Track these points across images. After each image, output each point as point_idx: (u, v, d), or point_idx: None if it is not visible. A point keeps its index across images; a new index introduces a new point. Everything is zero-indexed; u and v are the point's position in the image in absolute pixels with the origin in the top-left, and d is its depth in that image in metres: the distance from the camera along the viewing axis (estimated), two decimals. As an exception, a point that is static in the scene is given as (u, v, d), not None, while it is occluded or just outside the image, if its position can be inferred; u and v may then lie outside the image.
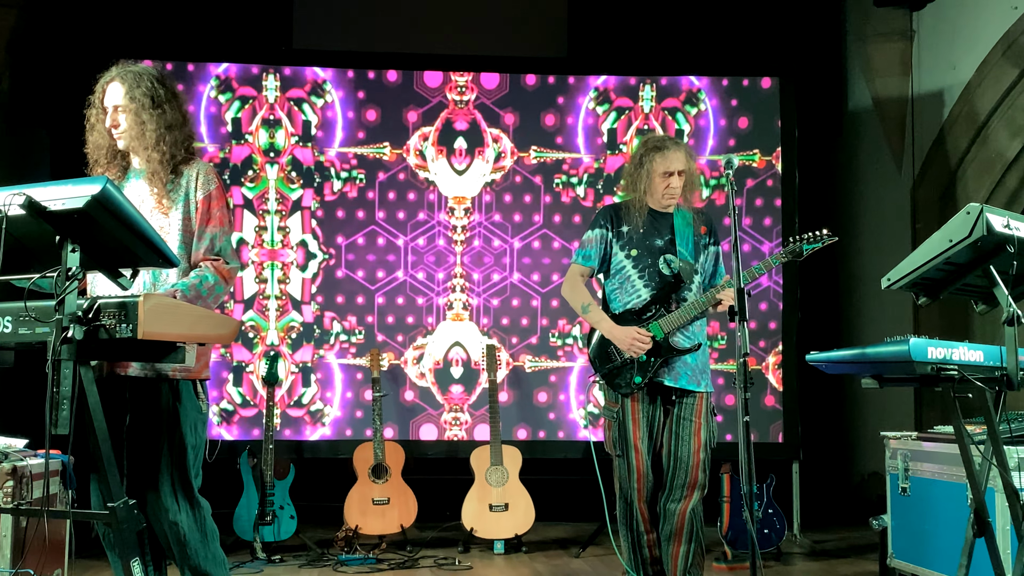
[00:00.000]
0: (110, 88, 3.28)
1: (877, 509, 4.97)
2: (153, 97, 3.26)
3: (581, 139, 6.45)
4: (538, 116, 6.46)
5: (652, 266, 4.16)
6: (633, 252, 4.18)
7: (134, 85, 3.25)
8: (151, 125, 3.23)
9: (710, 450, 4.14)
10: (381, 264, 6.32)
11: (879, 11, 6.84)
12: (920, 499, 4.56)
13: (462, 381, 6.30)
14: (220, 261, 3.24)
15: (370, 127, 6.36)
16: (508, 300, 6.34)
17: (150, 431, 3.14)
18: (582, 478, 6.92)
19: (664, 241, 4.19)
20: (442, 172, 6.40)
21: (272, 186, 6.25)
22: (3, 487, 3.52)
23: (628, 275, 4.20)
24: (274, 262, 6.23)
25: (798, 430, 6.29)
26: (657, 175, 4.14)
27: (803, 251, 4.10)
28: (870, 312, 7.12)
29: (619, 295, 4.22)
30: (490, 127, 6.43)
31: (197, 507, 3.19)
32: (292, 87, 6.32)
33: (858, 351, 3.01)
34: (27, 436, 4.02)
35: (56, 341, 2.40)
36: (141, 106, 3.23)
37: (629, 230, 4.20)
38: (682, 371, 4.12)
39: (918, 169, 6.74)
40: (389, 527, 5.65)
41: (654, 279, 4.16)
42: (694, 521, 4.08)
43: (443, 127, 6.41)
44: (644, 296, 4.16)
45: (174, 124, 3.29)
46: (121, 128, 3.26)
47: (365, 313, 6.28)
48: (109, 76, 3.31)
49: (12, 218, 2.43)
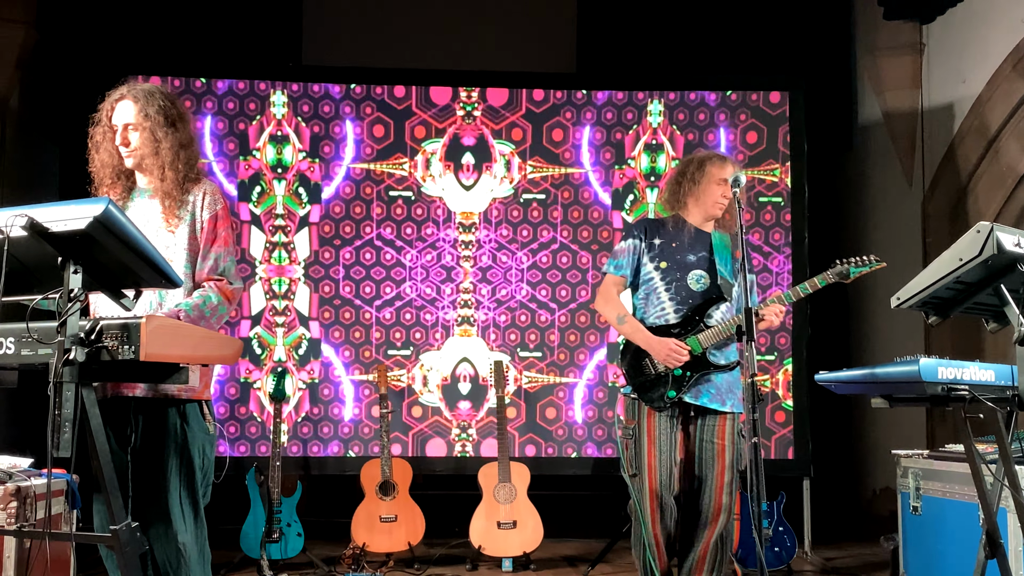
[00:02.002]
0: (120, 106, 3.26)
1: (890, 526, 4.93)
2: (166, 115, 3.25)
3: (587, 154, 6.43)
4: (545, 131, 6.44)
5: (680, 280, 4.12)
6: (662, 265, 4.14)
7: (147, 103, 3.23)
8: (166, 143, 3.22)
9: (736, 472, 4.06)
10: (388, 280, 6.29)
11: (889, 24, 6.84)
12: (932, 518, 4.52)
13: (470, 397, 6.27)
14: (224, 281, 3.23)
15: (378, 142, 6.35)
16: (516, 315, 6.32)
17: (158, 453, 3.13)
18: (591, 494, 6.91)
19: (697, 257, 4.14)
20: (450, 187, 6.39)
21: (280, 202, 6.25)
22: (7, 507, 3.51)
23: (655, 287, 4.15)
24: (281, 278, 6.22)
25: (809, 446, 6.25)
26: (713, 182, 4.11)
27: (850, 274, 4.06)
28: (881, 328, 7.08)
29: (643, 306, 4.18)
30: (497, 141, 6.42)
31: (200, 527, 3.18)
32: (300, 102, 6.32)
33: (867, 371, 2.98)
34: (32, 455, 4.01)
35: (58, 363, 2.39)
36: (156, 124, 3.22)
37: (661, 243, 4.16)
38: (704, 389, 4.05)
39: (928, 183, 6.72)
40: (396, 545, 5.62)
41: (681, 293, 4.11)
42: (718, 551, 4.01)
43: (451, 142, 6.40)
44: (668, 309, 4.11)
45: (186, 143, 3.29)
46: (132, 146, 3.24)
47: (372, 328, 6.26)
48: (118, 94, 3.29)
49: (14, 239, 2.41)
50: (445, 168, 6.39)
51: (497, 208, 6.40)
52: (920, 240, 6.69)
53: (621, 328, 4.20)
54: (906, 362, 2.84)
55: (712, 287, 4.12)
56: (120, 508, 2.54)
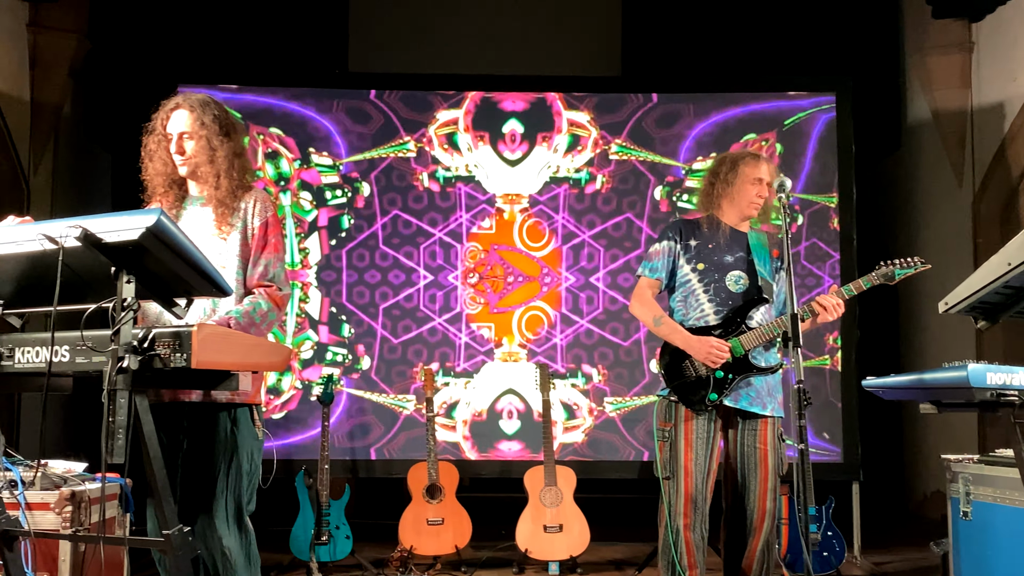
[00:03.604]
0: (175, 115, 3.32)
1: (940, 529, 4.87)
2: (221, 124, 3.31)
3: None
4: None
5: (719, 282, 4.06)
6: (700, 266, 4.08)
7: (202, 112, 3.29)
8: (221, 152, 3.28)
9: (779, 477, 4.00)
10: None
11: (937, 23, 6.77)
12: (982, 524, 4.46)
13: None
14: (273, 288, 3.28)
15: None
16: (581, 335, 6.30)
17: (208, 457, 3.17)
18: (638, 497, 6.90)
19: (735, 258, 4.08)
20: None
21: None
22: (62, 512, 3.58)
23: (693, 289, 4.09)
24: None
25: (858, 450, 6.19)
26: (748, 181, 4.06)
27: (895, 276, 3.99)
28: (931, 330, 7.01)
29: (682, 309, 4.12)
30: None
31: (245, 532, 3.22)
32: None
33: (915, 377, 2.96)
34: (86, 460, 4.09)
35: (112, 371, 2.43)
36: (212, 132, 3.27)
37: (698, 244, 4.11)
38: (744, 392, 3.98)
39: (979, 183, 6.64)
40: (443, 548, 5.65)
41: (720, 295, 4.05)
42: (765, 557, 3.95)
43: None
44: (707, 311, 4.05)
45: (239, 151, 3.35)
46: (188, 154, 3.30)
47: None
48: (172, 103, 3.35)
49: (69, 249, 2.46)
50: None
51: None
52: (970, 241, 6.62)
53: (658, 330, 4.13)
54: (954, 367, 2.81)
55: (752, 288, 4.06)
56: (172, 513, 2.59)
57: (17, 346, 2.61)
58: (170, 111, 3.33)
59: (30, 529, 3.27)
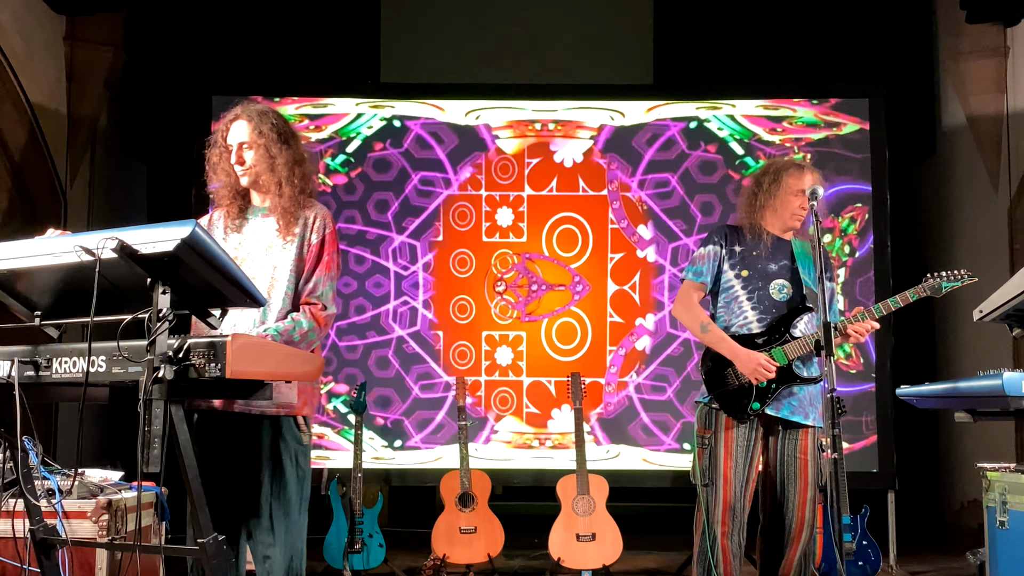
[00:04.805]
0: (235, 126, 3.32)
1: (977, 539, 4.82)
2: (279, 133, 3.30)
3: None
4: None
5: (763, 289, 4.01)
6: (744, 273, 4.04)
7: (260, 122, 3.29)
8: (281, 159, 3.27)
9: (818, 488, 3.94)
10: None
11: (972, 28, 6.72)
12: (1020, 533, 4.40)
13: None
14: (318, 306, 3.25)
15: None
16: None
17: (251, 465, 3.18)
18: (671, 506, 6.87)
19: (779, 266, 4.03)
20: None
21: None
22: (99, 520, 3.62)
23: (736, 295, 4.05)
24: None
25: (893, 459, 6.14)
26: (792, 192, 3.98)
27: (943, 289, 3.91)
28: (967, 337, 6.94)
29: (725, 315, 4.07)
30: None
31: (291, 540, 3.22)
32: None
33: (950, 385, 2.95)
34: (122, 468, 4.12)
35: (148, 380, 2.46)
36: (271, 141, 3.27)
37: (742, 250, 4.06)
38: (786, 402, 3.94)
39: (1015, 189, 6.58)
40: (476, 556, 5.65)
41: (764, 303, 4.01)
42: (802, 568, 3.91)
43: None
44: (751, 318, 4.00)
45: (299, 159, 3.33)
46: (247, 164, 3.29)
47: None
48: (232, 115, 3.35)
49: (105, 261, 2.49)
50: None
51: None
52: (1007, 247, 6.55)
53: (704, 337, 4.07)
54: (989, 376, 2.79)
55: (795, 296, 4.01)
56: (208, 522, 2.61)
57: (55, 356, 2.64)
58: (230, 122, 3.34)
59: (67, 537, 3.29)
